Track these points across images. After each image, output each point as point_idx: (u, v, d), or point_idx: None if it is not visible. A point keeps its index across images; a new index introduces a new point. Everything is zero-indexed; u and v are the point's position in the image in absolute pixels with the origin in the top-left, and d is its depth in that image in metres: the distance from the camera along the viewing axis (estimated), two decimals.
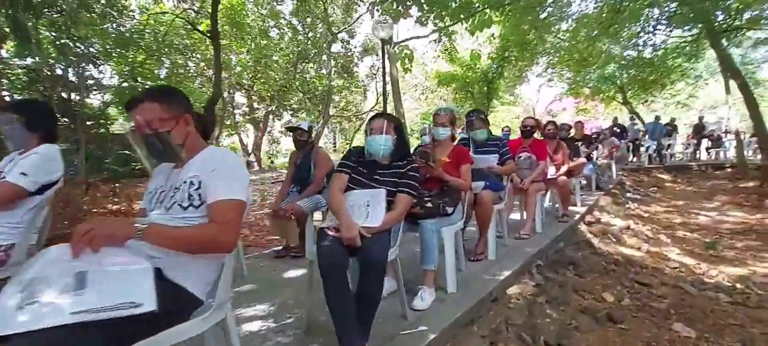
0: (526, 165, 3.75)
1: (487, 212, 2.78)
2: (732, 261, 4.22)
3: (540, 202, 3.74)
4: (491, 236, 2.88)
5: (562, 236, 3.83)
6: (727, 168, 11.29)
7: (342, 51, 21.85)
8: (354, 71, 21.42)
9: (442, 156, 2.57)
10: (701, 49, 11.21)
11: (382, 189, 1.77)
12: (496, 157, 2.96)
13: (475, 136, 3.12)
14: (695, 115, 27.59)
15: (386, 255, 1.59)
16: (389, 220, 1.72)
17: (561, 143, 4.46)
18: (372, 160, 1.88)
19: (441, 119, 2.54)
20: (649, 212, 6.55)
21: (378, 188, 1.78)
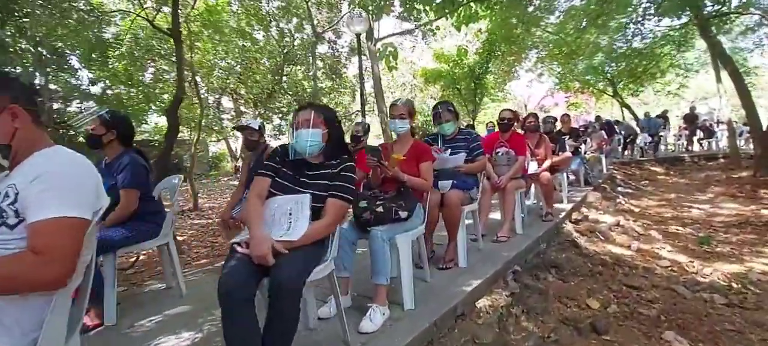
0: (504, 161, 3.47)
1: (455, 214, 2.49)
2: (727, 257, 3.96)
3: (520, 200, 3.46)
4: (461, 241, 2.60)
5: (545, 236, 3.55)
6: (720, 159, 11.11)
7: (329, 52, 21.57)
8: (342, 72, 21.14)
9: (400, 153, 2.28)
10: (690, 37, 11.01)
11: (307, 194, 1.47)
12: (460, 157, 2.66)
13: (443, 129, 2.83)
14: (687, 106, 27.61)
15: (303, 277, 1.29)
16: (314, 231, 1.42)
17: (543, 137, 4.19)
18: (301, 159, 1.58)
19: (398, 111, 2.25)
20: (640, 206, 6.30)
21: (303, 193, 1.48)
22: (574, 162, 6.20)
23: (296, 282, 1.24)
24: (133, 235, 2.09)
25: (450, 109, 2.80)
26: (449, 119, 2.80)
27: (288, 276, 1.22)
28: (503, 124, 3.55)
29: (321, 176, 1.54)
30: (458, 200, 2.48)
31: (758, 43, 9.67)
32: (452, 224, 2.54)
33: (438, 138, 2.91)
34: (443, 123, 2.80)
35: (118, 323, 2.03)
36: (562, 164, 4.81)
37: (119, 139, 2.15)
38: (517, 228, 3.44)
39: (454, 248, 2.61)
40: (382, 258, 1.85)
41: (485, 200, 3.39)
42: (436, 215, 2.54)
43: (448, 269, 2.55)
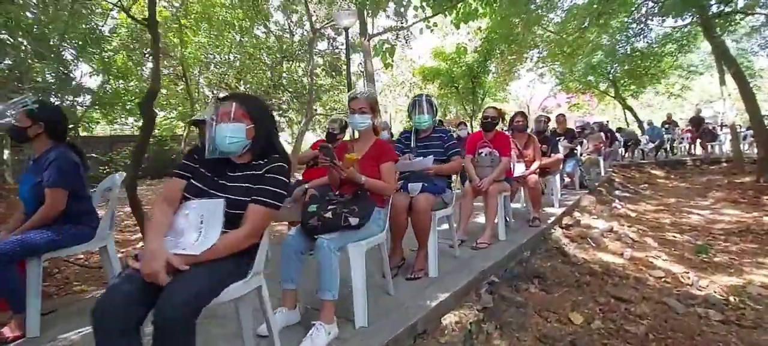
0: (487, 162, 3.25)
1: (423, 220, 2.28)
2: (726, 268, 3.73)
3: (503, 204, 3.24)
4: (432, 249, 2.38)
5: (530, 243, 3.33)
6: (722, 163, 10.83)
7: (328, 49, 21.39)
8: (342, 69, 20.92)
9: (359, 151, 2.07)
10: (693, 38, 10.73)
11: (221, 199, 1.25)
12: (428, 160, 2.44)
13: (418, 122, 2.62)
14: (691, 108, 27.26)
15: (198, 303, 1.07)
16: (227, 244, 1.21)
17: (532, 137, 3.96)
18: (225, 159, 1.37)
19: (358, 104, 2.04)
20: (637, 211, 6.06)
21: (218, 198, 1.27)
22: (569, 164, 5.97)
23: (184, 312, 1.02)
24: (60, 238, 1.88)
25: (430, 103, 2.59)
26: (426, 112, 2.59)
27: (172, 304, 1.00)
28: (487, 122, 3.33)
29: (244, 178, 1.32)
30: (427, 205, 2.27)
31: (764, 45, 9.39)
32: (421, 231, 2.32)
33: (412, 135, 2.70)
34: (418, 115, 2.58)
35: (41, 336, 1.83)
36: (553, 166, 4.59)
37: (47, 132, 1.95)
38: (500, 234, 3.22)
39: (424, 257, 2.40)
40: (329, 270, 1.64)
41: (466, 204, 3.18)
42: (403, 220, 2.32)
43: (417, 279, 2.33)
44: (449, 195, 2.56)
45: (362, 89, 2.04)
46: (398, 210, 2.29)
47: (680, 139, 13.28)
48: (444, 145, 2.59)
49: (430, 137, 2.64)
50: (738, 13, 8.87)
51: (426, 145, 2.62)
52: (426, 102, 2.56)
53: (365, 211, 1.80)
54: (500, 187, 3.18)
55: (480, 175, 3.23)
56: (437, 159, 2.54)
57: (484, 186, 3.10)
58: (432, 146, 2.59)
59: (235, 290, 1.22)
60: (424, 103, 2.56)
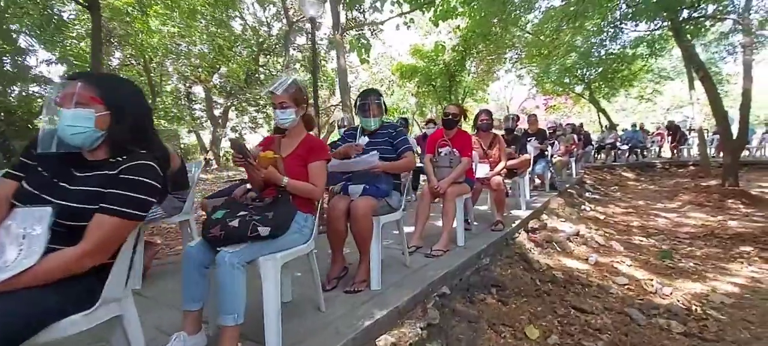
0: (446, 162, 3.03)
1: (363, 226, 2.03)
2: (689, 274, 3.65)
3: (462, 208, 3.03)
4: (374, 258, 2.14)
5: (491, 249, 3.13)
6: (690, 166, 11.06)
7: (307, 44, 20.92)
8: (321, 65, 20.49)
9: (287, 149, 1.81)
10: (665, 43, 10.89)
11: (47, 207, 0.97)
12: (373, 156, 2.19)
13: (367, 124, 2.37)
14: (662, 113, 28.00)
15: (8, 341, 0.80)
16: (52, 266, 0.92)
17: (498, 137, 3.77)
18: (75, 154, 1.08)
19: (277, 99, 1.77)
20: (605, 213, 6.00)
21: (50, 204, 0.98)
22: (539, 165, 5.85)
23: None
24: None
25: (379, 103, 2.34)
26: (376, 115, 2.34)
27: None
28: (447, 120, 3.11)
29: (94, 180, 1.04)
30: (367, 209, 2.02)
31: (731, 51, 9.60)
32: (361, 239, 2.08)
33: (357, 133, 2.45)
34: (370, 118, 2.33)
35: None
36: (521, 167, 4.43)
37: None
38: (459, 240, 3.01)
39: (366, 268, 2.15)
40: (229, 289, 1.37)
41: (423, 207, 2.95)
42: (341, 227, 2.07)
43: (357, 292, 2.09)
44: (397, 198, 2.32)
45: (283, 80, 1.76)
46: (335, 216, 2.04)
47: (651, 142, 13.53)
48: (393, 141, 2.35)
49: (377, 134, 2.39)
50: (707, 20, 9.02)
51: (372, 142, 2.37)
52: (375, 103, 2.31)
53: (282, 218, 1.54)
54: (459, 189, 2.97)
55: (439, 176, 3.01)
56: (385, 157, 2.29)
57: (442, 188, 2.88)
58: (379, 144, 2.35)
59: (71, 324, 0.94)
60: (372, 105, 2.31)
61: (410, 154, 2.33)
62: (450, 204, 2.87)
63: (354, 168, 2.12)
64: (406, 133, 2.42)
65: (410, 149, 2.35)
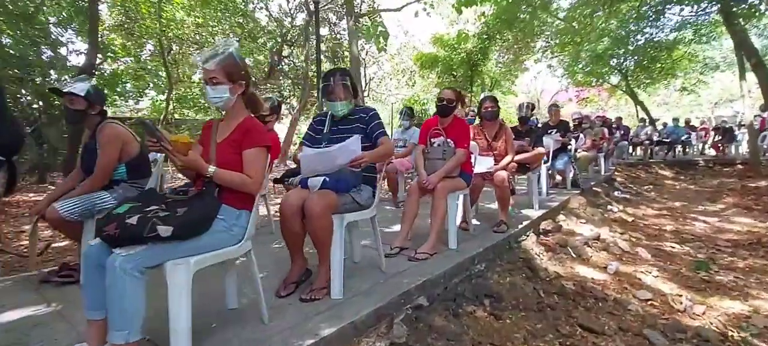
0: (439, 154, 2.69)
1: (319, 226, 1.74)
2: (728, 290, 3.13)
3: (456, 207, 2.68)
4: (336, 263, 1.85)
5: (490, 252, 2.77)
6: (737, 164, 10.03)
7: (330, 34, 20.79)
8: (344, 56, 20.32)
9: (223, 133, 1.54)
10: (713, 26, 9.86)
11: None
12: (355, 141, 1.89)
13: (334, 109, 2.07)
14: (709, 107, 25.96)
15: None
16: None
17: (505, 128, 3.37)
18: None
19: (207, 73, 1.49)
20: (635, 215, 5.43)
21: None
22: (561, 160, 5.35)
23: None
24: None
25: (345, 84, 2.03)
26: (343, 98, 2.04)
27: None
28: (442, 106, 2.75)
29: None
30: (324, 206, 1.73)
31: None
32: (318, 240, 1.79)
33: (327, 119, 2.15)
34: (335, 102, 2.03)
35: None
36: (535, 162, 4.00)
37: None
38: (451, 242, 2.67)
39: (325, 273, 1.87)
40: (119, 300, 1.13)
41: (410, 204, 2.63)
42: (295, 226, 1.80)
43: (314, 301, 1.81)
44: (367, 193, 2.02)
45: (215, 50, 1.48)
46: (287, 213, 1.77)
47: (696, 139, 12.40)
48: (366, 127, 2.04)
49: (348, 119, 2.09)
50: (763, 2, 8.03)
51: (344, 128, 2.07)
52: (340, 83, 2.00)
53: (196, 215, 1.28)
54: (452, 184, 2.63)
55: (430, 169, 2.67)
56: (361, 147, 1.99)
57: (431, 183, 2.54)
58: (351, 131, 2.05)
59: None
60: (337, 86, 2.00)
61: (386, 139, 2.01)
62: (440, 201, 2.53)
63: (334, 162, 1.81)
64: (380, 118, 2.10)
65: (386, 134, 2.03)
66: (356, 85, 2.11)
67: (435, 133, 2.77)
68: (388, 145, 2.03)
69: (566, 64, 13.32)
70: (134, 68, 14.83)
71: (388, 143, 2.03)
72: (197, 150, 1.45)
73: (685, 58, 11.68)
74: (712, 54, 13.95)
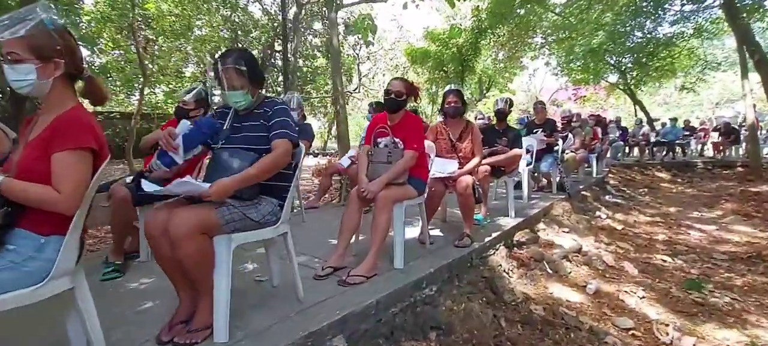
0: (383, 157, 2.28)
1: (186, 252, 1.34)
2: (724, 315, 2.73)
3: (401, 219, 2.27)
4: (220, 296, 1.45)
5: (444, 272, 2.37)
6: (737, 167, 9.62)
7: (324, 28, 20.37)
8: (339, 51, 19.87)
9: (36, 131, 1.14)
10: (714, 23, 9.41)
11: None
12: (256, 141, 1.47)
13: (230, 100, 1.66)
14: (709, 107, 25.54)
15: None
16: None
17: (471, 126, 2.95)
18: None
19: (4, 48, 1.08)
20: (625, 223, 5.02)
21: None
22: (546, 162, 4.95)
23: None
24: None
25: (239, 70, 1.61)
26: (238, 86, 1.62)
27: None
28: (390, 100, 2.34)
29: None
30: (190, 228, 1.32)
31: None
32: (190, 270, 1.39)
33: (231, 112, 1.74)
34: (230, 91, 1.62)
35: None
36: (511, 164, 3.59)
37: None
38: (396, 260, 2.26)
39: (206, 310, 1.46)
40: None
41: (348, 216, 2.22)
42: (166, 250, 1.39)
43: (192, 345, 1.41)
44: (268, 207, 1.60)
45: (19, 15, 1.06)
46: (154, 235, 1.38)
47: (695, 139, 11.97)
48: (268, 124, 1.63)
49: (253, 115, 1.68)
50: None
51: (245, 126, 1.67)
52: (232, 68, 1.58)
53: None
54: (397, 193, 2.22)
55: (373, 174, 2.27)
56: (258, 149, 1.59)
57: (371, 191, 2.14)
58: (250, 130, 1.65)
59: None
60: (228, 71, 1.58)
61: (283, 143, 1.58)
62: (382, 213, 2.12)
63: (189, 192, 1.41)
64: (289, 113, 1.68)
65: (286, 134, 1.61)
66: (261, 72, 1.69)
67: (381, 132, 2.36)
68: (281, 153, 1.56)
69: (561, 60, 12.86)
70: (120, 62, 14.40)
71: (283, 147, 1.58)
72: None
73: (685, 56, 11.24)
74: (713, 52, 13.51)
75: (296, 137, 1.67)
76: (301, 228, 3.32)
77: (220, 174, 1.49)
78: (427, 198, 2.64)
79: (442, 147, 2.92)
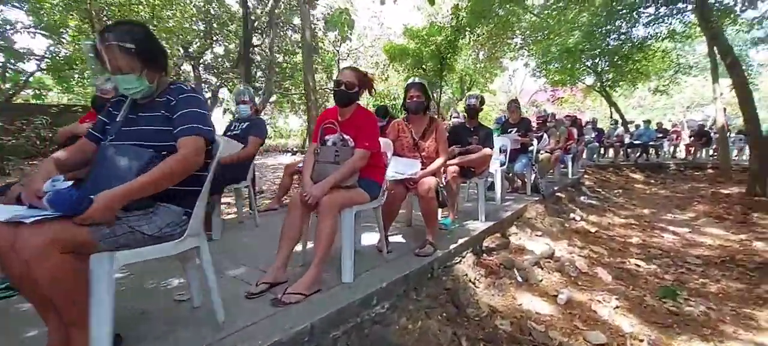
0: (330, 156, 2.01)
1: (40, 276, 1.04)
2: (699, 326, 2.58)
3: (349, 227, 2.00)
4: (99, 331, 1.14)
5: (399, 285, 2.11)
6: (708, 169, 9.78)
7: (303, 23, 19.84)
8: (319, 47, 19.47)
9: None
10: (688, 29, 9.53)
11: None
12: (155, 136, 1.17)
13: (121, 86, 1.35)
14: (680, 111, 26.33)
15: None
16: None
17: (436, 123, 2.71)
18: None
19: None
20: (599, 225, 4.90)
21: None
22: (520, 162, 4.77)
23: None
24: None
25: (125, 47, 1.28)
26: (126, 69, 1.30)
27: None
28: (340, 92, 2.07)
29: None
30: (39, 244, 1.02)
31: (764, 39, 8.23)
32: (51, 299, 1.08)
33: (124, 100, 1.43)
34: (116, 74, 1.31)
35: None
36: (481, 165, 3.37)
37: None
38: (344, 273, 1.99)
39: None
40: None
41: (289, 224, 1.93)
42: (13, 264, 1.08)
43: None
44: (166, 218, 1.30)
45: None
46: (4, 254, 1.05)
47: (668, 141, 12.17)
48: (172, 116, 1.33)
49: (153, 104, 1.38)
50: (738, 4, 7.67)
51: (143, 118, 1.36)
52: (115, 45, 1.27)
53: None
54: (344, 198, 1.95)
55: (319, 175, 1.99)
56: (149, 144, 1.29)
57: (313, 196, 1.86)
58: (146, 123, 1.34)
59: None
60: (111, 49, 1.27)
61: (192, 141, 1.29)
62: (326, 220, 1.85)
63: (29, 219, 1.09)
64: (201, 102, 1.38)
65: (197, 130, 1.31)
66: (158, 51, 1.38)
67: (328, 129, 2.08)
68: (191, 151, 1.27)
69: (539, 61, 12.87)
70: None
71: (192, 144, 1.28)
72: None
73: (659, 59, 11.40)
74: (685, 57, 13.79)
75: (210, 132, 1.38)
76: (252, 234, 3.01)
77: (103, 178, 1.18)
78: (386, 202, 2.38)
79: (403, 145, 2.67)
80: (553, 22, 10.30)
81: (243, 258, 2.34)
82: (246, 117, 3.14)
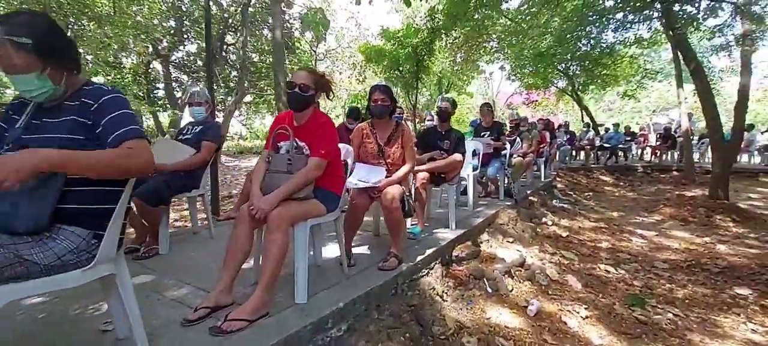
0: (283, 165, 1.83)
1: None
2: (667, 335, 2.55)
3: (303, 242, 1.83)
4: None
5: (359, 305, 1.96)
6: (673, 171, 10.12)
7: None
8: (295, 47, 19.09)
9: None
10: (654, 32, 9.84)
11: None
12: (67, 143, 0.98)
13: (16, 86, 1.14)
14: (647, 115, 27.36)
15: None
16: None
17: (401, 127, 2.58)
18: None
19: None
20: (570, 229, 4.90)
21: None
22: (493, 166, 4.71)
23: None
24: None
25: (20, 43, 1.07)
26: (21, 68, 1.09)
27: None
28: (294, 95, 1.89)
29: None
30: None
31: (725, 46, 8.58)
32: None
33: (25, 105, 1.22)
34: (7, 74, 1.10)
35: None
36: (452, 171, 3.26)
37: None
38: (298, 293, 1.82)
39: None
40: None
41: (235, 240, 1.75)
42: None
43: None
44: (68, 242, 1.11)
45: None
46: None
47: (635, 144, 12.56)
48: (95, 124, 1.13)
49: (63, 108, 1.18)
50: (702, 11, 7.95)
51: (49, 124, 1.16)
52: (9, 42, 1.06)
53: None
54: (297, 211, 1.78)
55: (270, 185, 1.81)
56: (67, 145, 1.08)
57: (261, 209, 1.68)
58: (52, 130, 1.14)
59: None
60: (4, 46, 1.06)
61: (137, 145, 1.10)
62: (274, 235, 1.67)
63: None
64: (125, 103, 1.19)
65: (137, 129, 1.13)
66: (65, 46, 1.18)
67: (282, 135, 1.91)
68: (125, 155, 1.08)
69: (513, 63, 13.02)
70: None
71: (137, 150, 1.11)
72: None
73: (627, 64, 11.74)
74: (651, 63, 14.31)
75: (142, 132, 1.19)
76: (205, 246, 2.79)
77: None
78: (348, 212, 2.22)
79: (367, 152, 2.52)
80: (526, 27, 10.41)
81: (189, 276, 2.13)
82: (200, 120, 2.91)
